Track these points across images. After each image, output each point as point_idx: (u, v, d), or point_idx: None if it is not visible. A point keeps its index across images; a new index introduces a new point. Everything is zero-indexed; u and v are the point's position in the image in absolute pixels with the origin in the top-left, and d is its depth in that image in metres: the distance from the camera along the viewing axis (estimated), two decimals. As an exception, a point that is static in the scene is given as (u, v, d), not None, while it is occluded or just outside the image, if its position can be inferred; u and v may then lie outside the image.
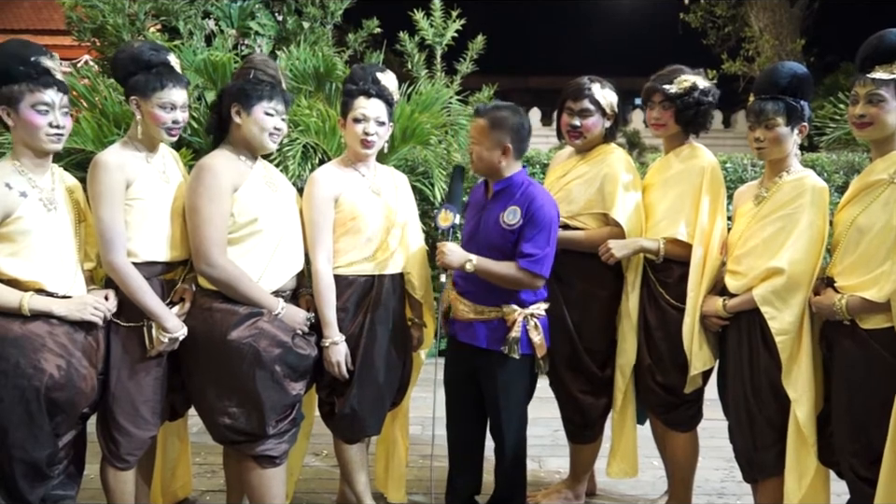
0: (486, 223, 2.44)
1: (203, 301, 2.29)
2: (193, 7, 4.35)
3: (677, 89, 2.56)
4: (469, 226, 2.52)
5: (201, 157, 3.08)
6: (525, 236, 2.35)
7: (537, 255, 2.34)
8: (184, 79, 2.28)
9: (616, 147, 2.74)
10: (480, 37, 4.90)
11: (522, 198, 2.39)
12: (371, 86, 2.48)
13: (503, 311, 2.42)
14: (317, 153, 3.77)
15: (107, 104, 3.75)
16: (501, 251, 2.38)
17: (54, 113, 2.07)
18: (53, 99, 2.06)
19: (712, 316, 2.43)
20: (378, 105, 2.48)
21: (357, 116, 2.47)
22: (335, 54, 4.44)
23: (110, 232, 2.15)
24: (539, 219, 2.35)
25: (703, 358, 2.49)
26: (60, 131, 2.09)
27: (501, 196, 2.43)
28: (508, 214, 2.38)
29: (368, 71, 2.54)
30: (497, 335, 2.43)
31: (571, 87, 2.69)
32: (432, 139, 4.07)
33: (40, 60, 2.06)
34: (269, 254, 2.31)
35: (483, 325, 2.44)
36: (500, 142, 2.39)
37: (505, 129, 2.39)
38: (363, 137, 2.47)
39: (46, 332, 2.05)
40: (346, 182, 2.50)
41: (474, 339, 2.46)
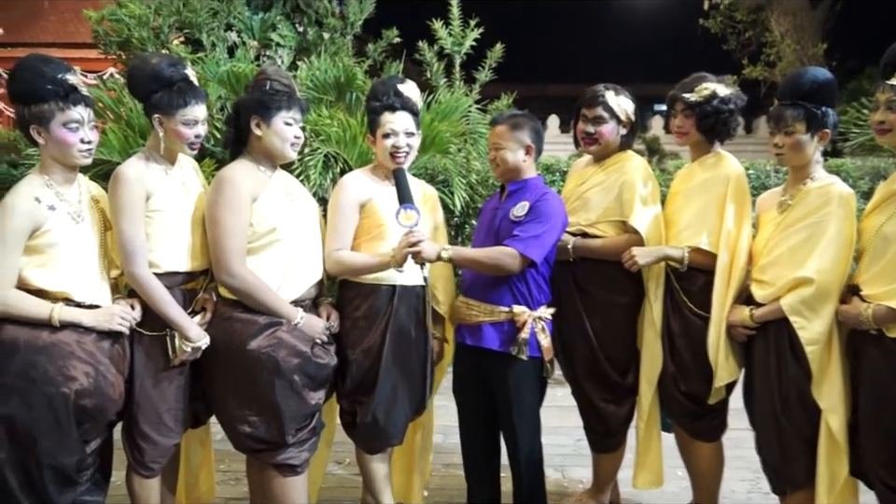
0: (498, 221, 2.46)
1: (223, 310, 2.30)
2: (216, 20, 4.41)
3: (696, 97, 2.54)
4: (479, 227, 2.53)
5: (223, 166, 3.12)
6: (522, 223, 2.38)
7: (524, 236, 2.34)
8: (203, 94, 2.29)
9: (634, 155, 2.72)
10: (498, 46, 4.90)
11: (533, 196, 2.45)
12: (395, 99, 2.49)
13: (513, 312, 2.41)
14: (338, 163, 3.79)
15: (133, 115, 3.81)
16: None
17: (84, 129, 2.10)
18: (82, 115, 2.09)
19: (738, 326, 2.40)
20: (404, 116, 2.49)
21: (386, 131, 2.48)
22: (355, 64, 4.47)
23: (131, 245, 2.17)
24: (541, 210, 2.39)
25: (728, 370, 2.46)
26: (90, 146, 2.13)
27: (515, 195, 2.47)
28: (517, 208, 2.42)
29: (389, 85, 2.54)
30: (507, 337, 2.42)
31: (586, 94, 2.69)
32: (451, 147, 4.08)
33: (66, 77, 2.08)
34: (288, 263, 2.31)
35: (491, 327, 2.44)
36: (523, 141, 2.48)
37: (525, 129, 2.49)
38: (393, 151, 2.47)
39: (74, 340, 2.07)
40: (375, 189, 2.51)
41: (483, 341, 2.44)
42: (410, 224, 2.32)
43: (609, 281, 2.60)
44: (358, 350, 2.46)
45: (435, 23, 4.68)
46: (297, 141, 2.33)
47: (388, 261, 2.37)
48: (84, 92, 2.12)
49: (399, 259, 2.35)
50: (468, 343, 2.47)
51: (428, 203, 2.64)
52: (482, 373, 2.50)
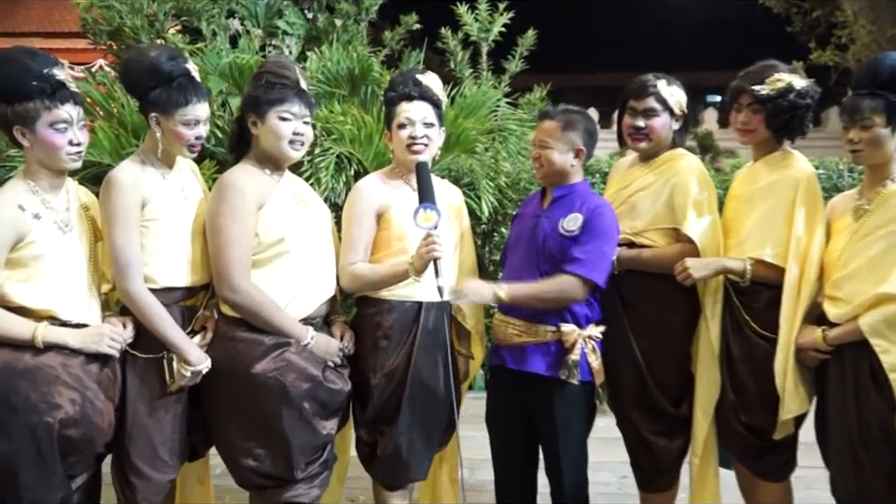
0: (543, 231, 2.46)
1: (225, 329, 2.32)
2: (216, 6, 4.45)
3: (769, 90, 2.52)
4: (517, 237, 2.53)
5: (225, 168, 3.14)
6: (579, 241, 2.40)
7: (586, 258, 2.36)
8: (206, 91, 2.32)
9: (686, 153, 2.71)
10: (530, 32, 4.88)
11: (584, 206, 2.45)
12: (413, 88, 2.52)
13: (561, 331, 2.42)
14: (352, 164, 3.78)
15: (125, 112, 3.83)
16: (559, 262, 2.42)
17: (73, 130, 2.13)
18: (71, 114, 2.12)
19: (809, 349, 2.37)
20: (422, 106, 2.51)
21: (402, 121, 2.50)
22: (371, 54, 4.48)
23: (125, 258, 2.20)
24: (597, 226, 2.41)
25: (798, 400, 2.43)
26: (80, 148, 2.16)
27: (561, 203, 2.48)
28: (568, 220, 2.44)
29: (407, 75, 2.59)
30: (554, 360, 2.43)
31: (634, 84, 2.68)
32: (478, 147, 4.05)
33: (54, 72, 2.11)
34: (297, 277, 2.33)
35: (536, 348, 2.45)
36: (574, 144, 2.49)
37: (578, 130, 2.50)
38: (409, 142, 2.48)
39: (59, 364, 2.10)
40: (394, 196, 2.52)
41: (527, 365, 2.45)
42: (428, 226, 2.32)
43: (660, 297, 2.58)
44: (380, 374, 2.47)
45: (459, 8, 4.69)
46: (297, 138, 2.35)
47: (406, 269, 2.38)
48: (73, 89, 2.16)
49: (418, 267, 2.35)
50: (509, 367, 2.47)
51: (453, 211, 2.65)
52: (522, 400, 2.51)
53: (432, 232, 2.33)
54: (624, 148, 2.81)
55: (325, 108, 3.92)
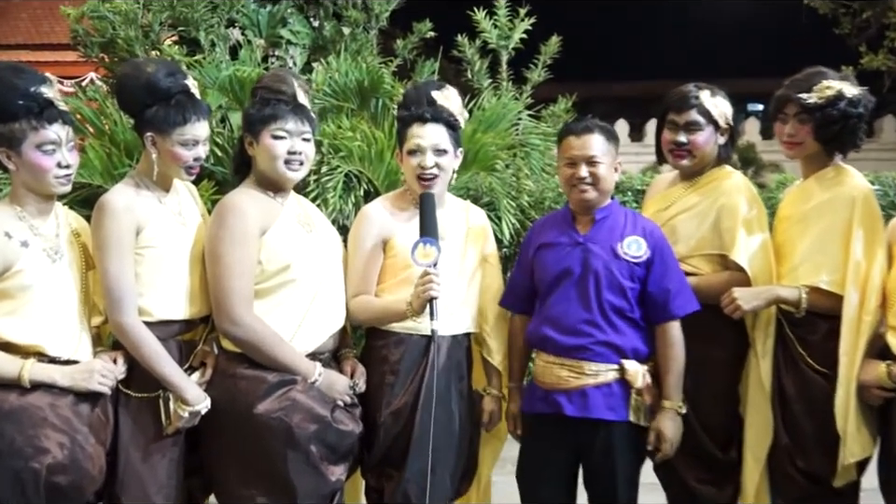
0: (598, 260, 2.45)
1: (226, 366, 2.32)
2: (216, 15, 4.52)
3: (817, 98, 2.51)
4: (557, 271, 2.50)
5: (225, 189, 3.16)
6: (655, 270, 2.45)
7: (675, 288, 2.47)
8: (206, 108, 2.35)
9: (733, 171, 2.71)
10: (554, 38, 4.91)
11: (638, 227, 2.50)
12: (426, 109, 2.52)
13: (625, 368, 2.43)
14: (362, 183, 3.81)
15: (117, 130, 3.89)
16: (626, 290, 2.44)
17: (62, 151, 2.15)
18: (59, 135, 2.14)
19: (873, 386, 2.35)
20: (436, 130, 2.51)
21: (412, 147, 2.51)
22: (381, 64, 4.52)
23: (118, 289, 2.20)
24: (668, 248, 2.51)
25: (861, 442, 2.40)
26: (69, 171, 2.18)
27: (605, 226, 2.50)
28: (629, 245, 2.47)
29: (422, 91, 2.58)
30: (618, 401, 2.44)
31: (674, 96, 2.68)
32: (498, 163, 4.07)
33: (41, 90, 2.14)
34: (303, 308, 2.33)
35: (597, 391, 2.44)
36: (615, 158, 2.53)
37: (616, 143, 2.55)
38: (419, 172, 2.50)
39: (47, 404, 2.10)
40: (401, 222, 2.53)
41: (591, 411, 2.43)
42: (426, 263, 2.33)
43: (705, 330, 2.55)
44: (387, 412, 2.46)
45: (477, 13, 4.72)
46: (294, 157, 2.36)
47: (405, 310, 2.40)
48: (62, 107, 2.18)
49: (416, 307, 2.37)
50: (567, 415, 2.45)
51: (473, 232, 2.65)
52: (574, 449, 2.50)
53: (430, 270, 2.34)
54: (656, 165, 2.80)
55: (332, 123, 3.96)
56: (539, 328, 2.53)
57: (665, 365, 2.48)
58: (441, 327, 2.40)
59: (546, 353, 2.51)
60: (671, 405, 2.47)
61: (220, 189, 3.45)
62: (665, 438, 2.46)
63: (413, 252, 2.34)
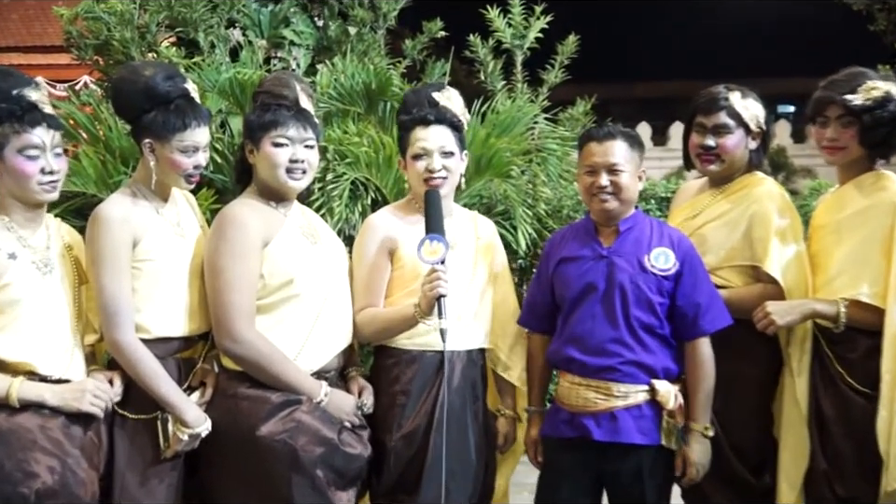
0: (624, 274, 2.45)
1: (226, 385, 2.32)
2: (215, 15, 4.55)
3: (863, 100, 2.49)
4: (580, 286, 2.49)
5: (224, 198, 3.17)
6: (685, 282, 2.44)
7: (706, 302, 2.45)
8: (206, 114, 2.36)
9: (765, 177, 2.70)
10: (571, 37, 4.91)
11: (666, 238, 2.49)
12: (428, 110, 2.53)
13: (655, 389, 2.42)
14: (369, 191, 3.82)
15: (112, 136, 3.92)
16: (655, 305, 2.44)
17: (46, 156, 2.16)
18: (43, 139, 2.15)
19: None
20: (440, 132, 2.52)
21: (417, 151, 2.52)
22: (390, 66, 4.54)
23: (114, 304, 2.21)
24: (698, 259, 2.49)
25: (905, 466, 2.37)
26: (54, 177, 2.18)
27: (630, 237, 2.49)
28: (657, 257, 2.45)
29: (422, 94, 2.60)
30: (648, 424, 2.42)
31: (702, 97, 2.68)
32: (514, 170, 4.07)
33: (24, 93, 2.15)
34: (308, 324, 2.34)
35: (627, 413, 2.42)
36: (638, 166, 2.51)
37: (641, 150, 2.53)
38: (426, 176, 2.51)
39: (37, 426, 2.10)
40: (407, 231, 2.53)
41: (621, 435, 2.41)
42: (433, 259, 2.33)
43: (737, 346, 2.54)
44: (398, 435, 2.46)
45: (490, 12, 4.73)
46: (296, 166, 2.36)
47: (413, 313, 2.39)
48: (48, 111, 2.19)
49: (424, 308, 2.36)
50: (595, 440, 2.44)
51: (483, 243, 2.66)
52: (599, 475, 2.49)
53: (438, 267, 2.34)
54: (684, 170, 2.79)
55: (338, 128, 3.98)
56: (562, 348, 2.51)
57: (693, 384, 2.47)
58: (453, 339, 2.39)
59: (571, 374, 2.49)
60: (698, 427, 2.45)
61: (220, 197, 3.47)
62: (691, 462, 2.44)
63: (420, 249, 2.34)
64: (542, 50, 4.92)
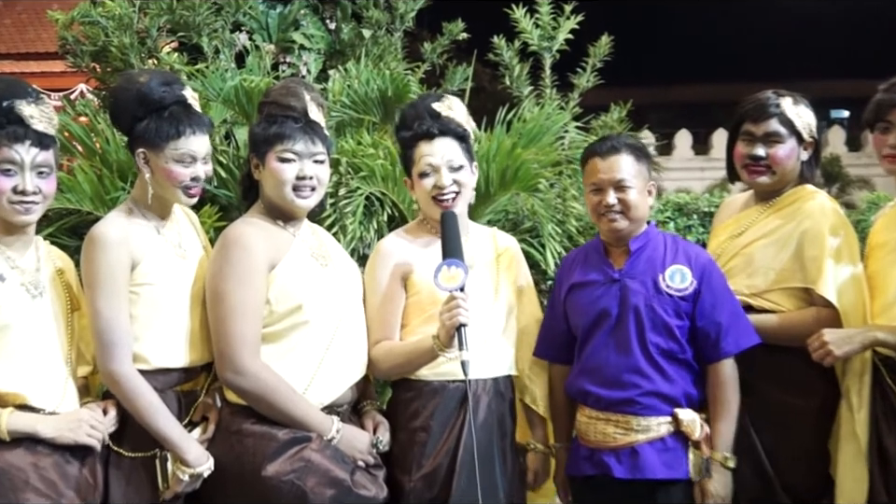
0: (638, 297, 2.45)
1: (230, 421, 2.32)
2: (220, 18, 4.58)
3: None
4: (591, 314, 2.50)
5: (230, 215, 3.17)
6: (704, 302, 2.44)
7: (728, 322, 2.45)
8: (206, 121, 2.37)
9: (817, 191, 2.69)
10: (604, 38, 4.90)
11: (681, 255, 2.49)
12: (430, 123, 2.54)
13: (679, 419, 2.41)
14: (385, 206, 3.82)
15: (109, 149, 3.95)
16: (672, 328, 2.43)
17: (23, 175, 2.17)
18: (22, 157, 2.16)
19: None
20: (446, 145, 2.53)
21: (423, 169, 2.53)
22: (407, 71, 4.55)
23: (111, 332, 2.22)
24: (717, 276, 2.49)
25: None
26: (27, 198, 2.18)
27: (643, 257, 2.49)
28: (672, 276, 2.46)
29: (420, 106, 2.61)
30: (673, 457, 2.42)
31: (750, 103, 2.69)
32: (542, 183, 4.06)
33: (14, 104, 2.17)
34: (319, 354, 2.34)
35: (650, 447, 2.43)
36: (648, 180, 2.53)
37: (649, 162, 2.55)
38: (436, 193, 2.51)
39: (30, 465, 2.11)
40: (420, 255, 2.54)
41: (644, 471, 2.42)
42: (452, 287, 2.34)
43: (788, 377, 2.55)
44: (417, 475, 2.45)
45: (516, 11, 4.74)
46: (304, 183, 2.37)
47: (432, 345, 2.39)
48: (39, 128, 2.19)
49: (443, 339, 2.36)
50: (617, 477, 2.44)
51: (505, 260, 2.66)
52: None
53: (457, 294, 2.34)
54: (727, 182, 2.79)
55: (351, 139, 3.98)
56: (577, 380, 2.53)
57: (715, 410, 2.47)
58: (477, 366, 2.39)
59: (588, 408, 2.51)
60: (717, 457, 2.44)
61: (225, 214, 3.47)
62: (709, 494, 2.43)
63: (437, 276, 2.35)
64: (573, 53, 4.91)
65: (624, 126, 4.75)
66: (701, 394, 2.47)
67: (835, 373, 2.56)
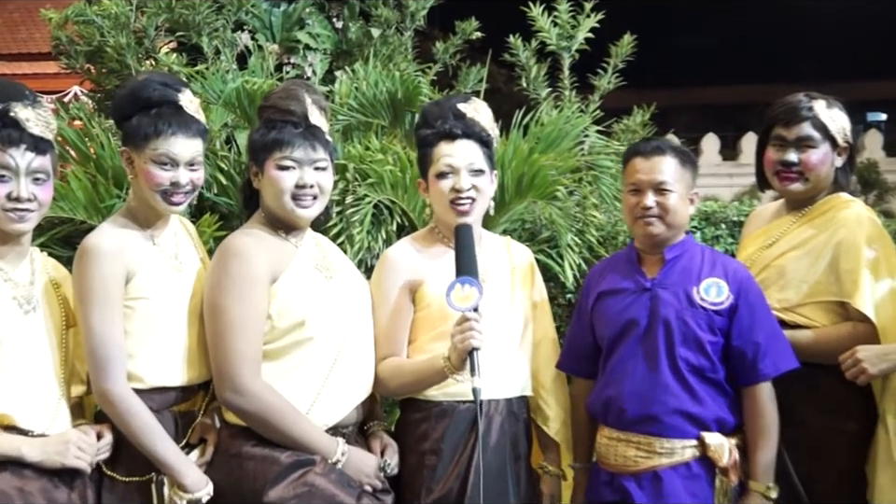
0: (669, 308, 2.45)
1: (229, 443, 2.32)
2: (221, 17, 4.60)
3: None
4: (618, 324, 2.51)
5: (230, 225, 3.18)
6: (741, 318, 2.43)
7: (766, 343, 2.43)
8: (196, 126, 2.34)
9: (852, 199, 2.69)
10: (626, 37, 4.90)
11: (719, 267, 2.49)
12: (454, 123, 2.53)
13: (706, 444, 2.39)
14: (394, 215, 3.82)
15: (104, 154, 3.96)
16: (704, 344, 2.42)
17: (17, 181, 2.17)
18: (17, 162, 2.17)
19: None
20: (468, 147, 2.53)
21: (441, 169, 2.52)
22: (418, 72, 4.56)
23: (104, 349, 2.22)
24: (756, 292, 2.48)
25: None
26: (22, 205, 2.18)
27: (677, 267, 2.50)
28: (707, 289, 2.46)
29: (445, 105, 2.61)
30: (698, 484, 2.41)
31: (782, 106, 2.69)
32: (560, 190, 4.05)
33: (9, 107, 2.18)
34: (323, 373, 2.34)
35: (674, 472, 2.41)
36: (690, 188, 2.53)
37: (694, 168, 2.56)
38: (453, 197, 2.50)
39: (15, 489, 2.11)
40: (431, 266, 2.54)
41: (666, 497, 2.41)
42: (465, 307, 2.32)
43: (824, 397, 2.54)
44: (427, 500, 2.45)
45: (533, 9, 4.75)
46: (304, 192, 2.36)
47: (442, 367, 2.39)
48: (35, 132, 2.20)
49: (455, 362, 2.36)
50: (636, 503, 2.44)
51: (520, 273, 2.66)
52: None
53: (470, 315, 2.32)
54: (756, 189, 2.79)
55: (359, 144, 3.99)
56: (599, 395, 2.53)
57: (752, 437, 2.46)
58: (490, 386, 2.38)
59: (608, 427, 2.51)
60: (758, 487, 2.43)
61: (226, 224, 3.48)
62: None
63: (449, 294, 2.33)
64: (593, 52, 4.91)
65: (648, 130, 4.75)
66: (732, 419, 2.46)
67: (872, 393, 2.55)
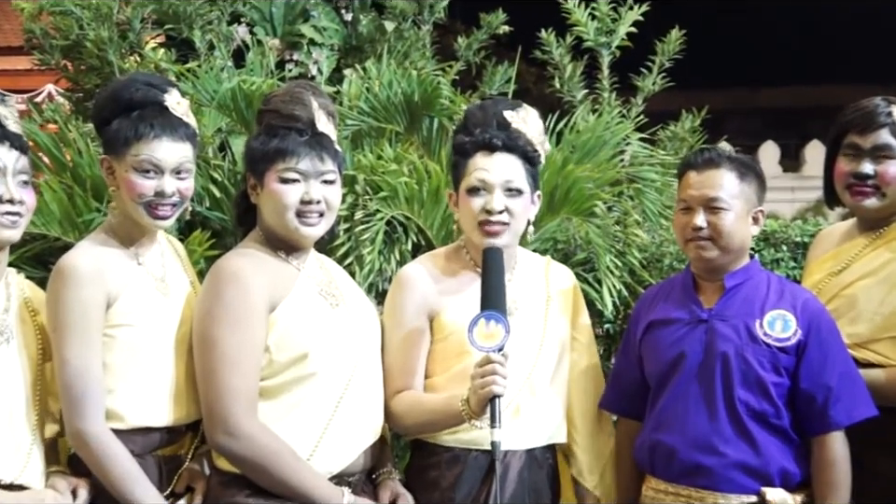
0: (727, 342, 2.45)
1: (220, 492, 2.32)
2: (215, 8, 4.63)
3: None
4: (668, 358, 2.51)
5: (224, 243, 3.18)
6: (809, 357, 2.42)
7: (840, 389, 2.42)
8: (184, 129, 2.36)
9: None
10: (674, 33, 4.90)
11: (783, 297, 2.49)
12: (495, 133, 2.53)
13: (767, 499, 2.39)
14: (409, 233, 3.83)
15: (82, 161, 3.99)
16: (768, 386, 2.42)
17: (5, 181, 2.20)
18: (4, 161, 2.20)
19: None
20: (508, 162, 2.53)
21: (474, 183, 2.52)
22: (437, 71, 4.57)
23: (80, 384, 2.22)
24: (830, 328, 2.47)
25: None
26: (14, 209, 2.21)
27: (739, 296, 2.50)
28: (773, 322, 2.45)
29: (490, 111, 2.60)
30: None
31: (855, 111, 2.70)
32: (599, 206, 4.05)
33: None
34: (327, 413, 2.35)
35: None
36: (752, 204, 2.52)
37: (757, 182, 2.54)
38: (483, 218, 2.50)
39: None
40: (456, 292, 2.55)
41: None
42: (489, 346, 2.32)
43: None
44: None
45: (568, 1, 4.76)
46: (310, 208, 2.37)
47: (460, 410, 2.38)
48: (12, 129, 2.24)
49: (474, 407, 2.35)
50: None
51: (558, 302, 2.66)
52: None
53: (494, 356, 2.31)
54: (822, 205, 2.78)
55: (370, 152, 4.00)
56: (645, 440, 2.53)
57: (822, 492, 2.45)
58: (510, 436, 2.38)
59: (656, 477, 2.51)
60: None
61: (219, 241, 3.49)
62: None
63: (472, 331, 2.33)
64: (636, 50, 4.92)
65: (698, 138, 4.74)
66: (798, 472, 2.45)
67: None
